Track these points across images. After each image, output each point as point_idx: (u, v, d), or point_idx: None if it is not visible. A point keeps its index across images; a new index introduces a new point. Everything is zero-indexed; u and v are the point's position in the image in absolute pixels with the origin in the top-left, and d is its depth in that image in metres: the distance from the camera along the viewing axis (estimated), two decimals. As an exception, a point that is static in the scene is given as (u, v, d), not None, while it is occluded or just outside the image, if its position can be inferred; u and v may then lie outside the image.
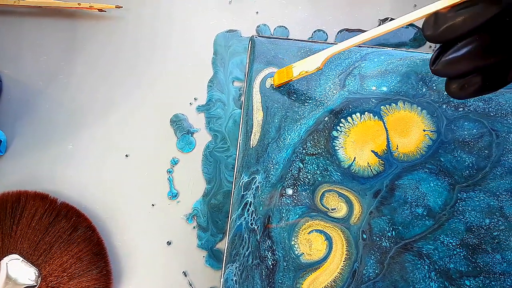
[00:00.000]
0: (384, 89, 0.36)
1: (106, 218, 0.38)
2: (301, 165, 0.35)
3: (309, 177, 0.35)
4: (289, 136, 0.35)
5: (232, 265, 0.33)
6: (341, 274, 0.33)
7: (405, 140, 0.35)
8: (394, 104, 0.36)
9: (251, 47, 0.36)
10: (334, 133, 0.35)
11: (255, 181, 0.34)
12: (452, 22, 0.23)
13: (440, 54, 0.24)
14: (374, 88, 0.36)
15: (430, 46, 0.43)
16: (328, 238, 0.34)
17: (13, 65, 0.40)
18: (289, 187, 0.34)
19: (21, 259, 0.34)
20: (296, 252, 0.33)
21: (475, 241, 0.34)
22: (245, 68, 0.37)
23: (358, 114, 0.36)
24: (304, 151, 0.35)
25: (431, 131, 0.35)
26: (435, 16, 0.24)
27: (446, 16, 0.23)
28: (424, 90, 0.36)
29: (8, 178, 0.38)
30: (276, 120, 0.35)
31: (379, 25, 0.43)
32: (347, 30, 0.43)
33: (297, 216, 0.34)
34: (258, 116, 0.35)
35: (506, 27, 0.23)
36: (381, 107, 0.36)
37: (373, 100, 0.36)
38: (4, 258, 0.34)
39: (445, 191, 0.34)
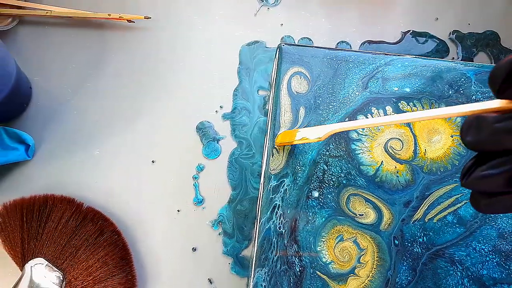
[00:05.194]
0: (407, 90, 0.36)
1: (131, 224, 0.38)
2: (325, 167, 0.35)
3: (333, 179, 0.34)
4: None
5: (261, 270, 0.33)
6: (372, 282, 0.32)
7: (433, 146, 0.35)
8: (417, 102, 0.36)
9: (278, 55, 0.37)
10: (352, 134, 0.35)
11: (284, 184, 0.34)
12: (499, 134, 0.19)
13: (473, 166, 0.21)
14: (396, 89, 0.36)
15: (453, 58, 0.43)
16: (358, 245, 0.33)
17: (43, 73, 0.41)
18: (315, 189, 0.34)
19: (46, 263, 0.34)
20: (324, 260, 0.33)
21: (508, 248, 0.33)
22: (272, 75, 0.38)
23: (376, 112, 0.36)
24: (327, 153, 0.35)
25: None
26: (478, 120, 0.20)
27: (493, 124, 0.19)
28: (450, 93, 0.36)
29: (35, 183, 0.38)
30: (304, 123, 0.35)
31: (402, 37, 0.44)
32: (369, 42, 0.44)
33: (323, 220, 0.33)
34: (286, 118, 0.35)
35: None
36: (401, 101, 0.36)
37: (393, 99, 0.36)
38: (29, 262, 0.34)
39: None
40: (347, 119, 0.36)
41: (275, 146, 0.35)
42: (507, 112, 0.19)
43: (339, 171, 0.35)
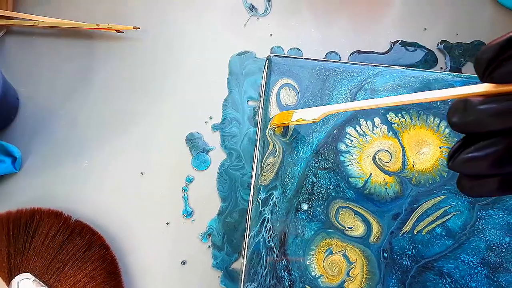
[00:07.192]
0: (395, 101, 0.36)
1: (120, 237, 0.37)
2: (314, 179, 0.35)
3: (322, 191, 0.34)
4: (302, 150, 0.35)
5: (250, 285, 0.32)
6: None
7: (421, 157, 0.35)
8: (406, 113, 0.36)
9: (267, 66, 0.37)
10: (341, 146, 0.35)
11: (273, 197, 0.34)
12: (483, 116, 0.20)
13: (460, 148, 0.21)
14: None
15: (441, 68, 0.43)
16: (347, 258, 0.33)
17: (30, 83, 0.41)
18: (304, 202, 0.34)
19: (33, 278, 0.34)
20: (314, 274, 0.33)
21: (496, 260, 0.33)
22: (261, 86, 0.38)
23: (365, 123, 0.36)
24: (316, 165, 0.35)
25: (449, 148, 0.35)
26: (465, 103, 0.20)
27: (478, 107, 0.20)
28: (438, 104, 0.36)
29: (22, 196, 0.38)
30: (293, 134, 0.35)
31: (391, 48, 0.44)
32: (358, 52, 0.44)
33: (312, 233, 0.33)
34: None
35: None
36: (390, 113, 0.36)
37: (382, 111, 0.36)
38: (16, 277, 0.34)
39: (466, 210, 0.34)
40: (335, 131, 0.36)
41: (272, 125, 0.35)
42: (492, 96, 0.20)
43: (328, 183, 0.35)
